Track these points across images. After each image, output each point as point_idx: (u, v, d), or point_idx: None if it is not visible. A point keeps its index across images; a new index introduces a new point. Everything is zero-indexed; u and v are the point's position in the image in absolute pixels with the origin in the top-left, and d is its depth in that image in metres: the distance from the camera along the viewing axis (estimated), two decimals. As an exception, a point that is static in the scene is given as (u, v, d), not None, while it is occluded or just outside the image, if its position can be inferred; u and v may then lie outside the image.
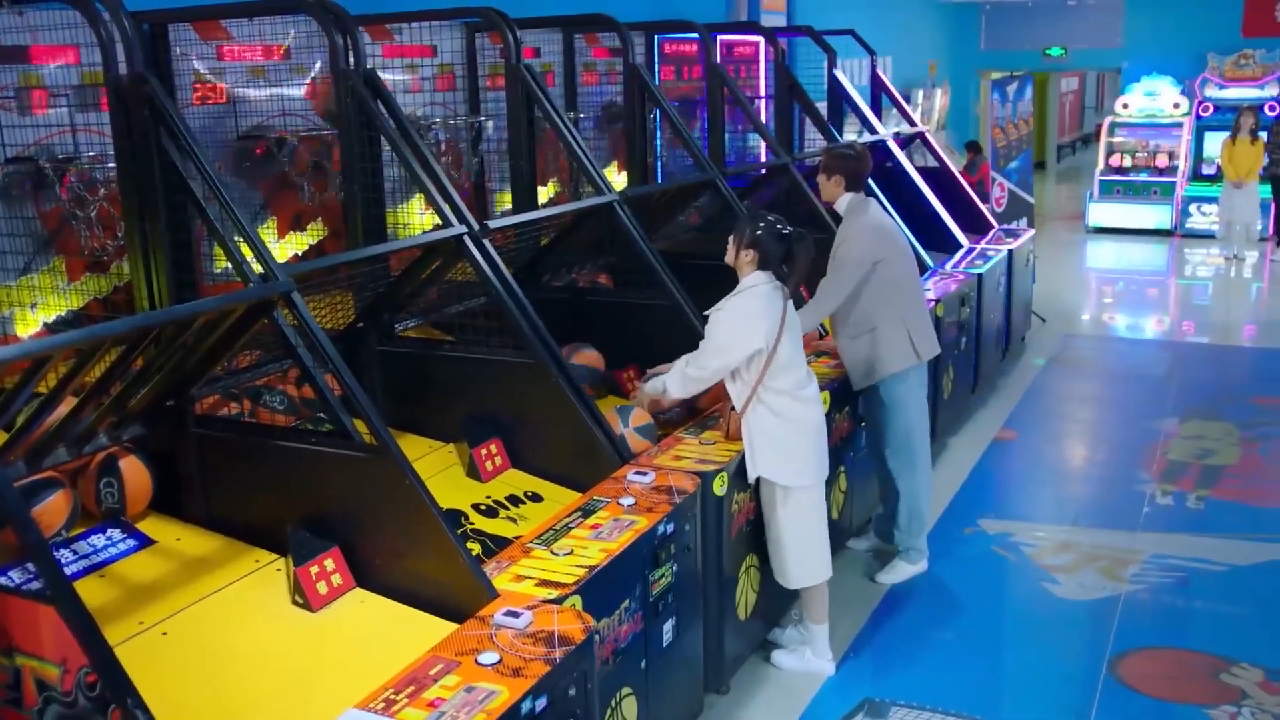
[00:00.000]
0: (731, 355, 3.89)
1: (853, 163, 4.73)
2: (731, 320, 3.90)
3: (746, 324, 3.87)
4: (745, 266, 3.96)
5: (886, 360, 4.67)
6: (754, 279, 3.94)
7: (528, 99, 4.86)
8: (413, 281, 4.06)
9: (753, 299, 3.90)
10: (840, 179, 4.72)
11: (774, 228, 3.92)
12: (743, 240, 3.93)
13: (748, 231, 3.92)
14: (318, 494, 3.13)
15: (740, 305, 3.91)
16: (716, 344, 3.91)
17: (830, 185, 4.76)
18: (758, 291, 3.91)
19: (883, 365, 4.69)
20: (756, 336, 3.85)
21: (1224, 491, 5.92)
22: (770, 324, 3.87)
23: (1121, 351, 9.03)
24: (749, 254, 3.92)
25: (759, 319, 3.87)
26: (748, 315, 3.88)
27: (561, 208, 4.70)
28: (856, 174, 4.73)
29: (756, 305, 3.89)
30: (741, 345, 3.87)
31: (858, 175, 4.74)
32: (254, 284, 2.99)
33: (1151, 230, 13.94)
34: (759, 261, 3.92)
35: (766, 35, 7.49)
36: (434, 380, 4.13)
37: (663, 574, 3.49)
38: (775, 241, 3.91)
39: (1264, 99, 13.80)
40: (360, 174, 4.03)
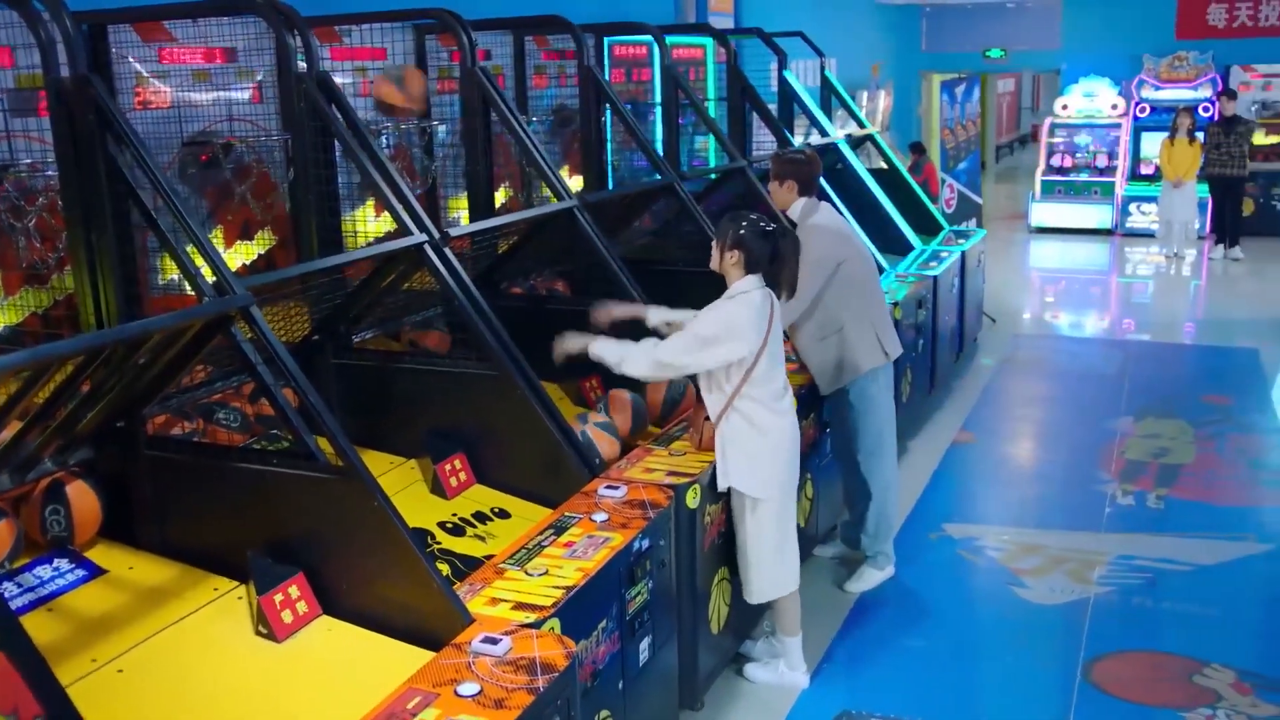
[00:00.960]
0: (712, 355, 3.75)
1: (804, 167, 4.68)
2: (722, 322, 3.76)
3: (736, 330, 3.75)
4: (732, 270, 3.84)
5: (856, 361, 4.61)
6: (745, 284, 3.82)
7: (484, 103, 4.74)
8: (371, 292, 3.92)
9: (745, 306, 3.78)
10: (793, 184, 4.66)
11: (757, 226, 3.81)
12: (726, 242, 3.82)
13: (731, 232, 3.81)
14: (280, 517, 2.98)
15: (733, 310, 3.78)
16: (701, 338, 3.75)
17: (783, 191, 4.70)
18: (750, 299, 3.79)
19: (852, 366, 4.63)
20: (741, 345, 3.75)
21: (1183, 490, 5.94)
22: (758, 335, 3.78)
23: (1072, 351, 9.09)
24: (734, 255, 3.81)
25: (749, 328, 3.76)
26: (738, 322, 3.76)
27: (523, 214, 4.58)
28: (808, 178, 4.68)
29: (748, 314, 3.77)
30: (725, 350, 3.74)
31: (809, 179, 4.69)
32: (210, 298, 2.84)
33: (1093, 230, 14.11)
34: (745, 263, 3.80)
35: (718, 37, 7.41)
36: (394, 394, 3.99)
37: (638, 591, 3.38)
38: (760, 240, 3.80)
39: (1198, 100, 14.02)
40: (315, 181, 3.88)
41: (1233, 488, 6.05)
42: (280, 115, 4.55)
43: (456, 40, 4.69)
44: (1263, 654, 4.35)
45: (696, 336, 3.75)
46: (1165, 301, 11.25)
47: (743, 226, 3.80)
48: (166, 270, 4.08)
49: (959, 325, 7.96)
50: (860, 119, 9.18)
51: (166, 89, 4.31)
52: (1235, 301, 10.68)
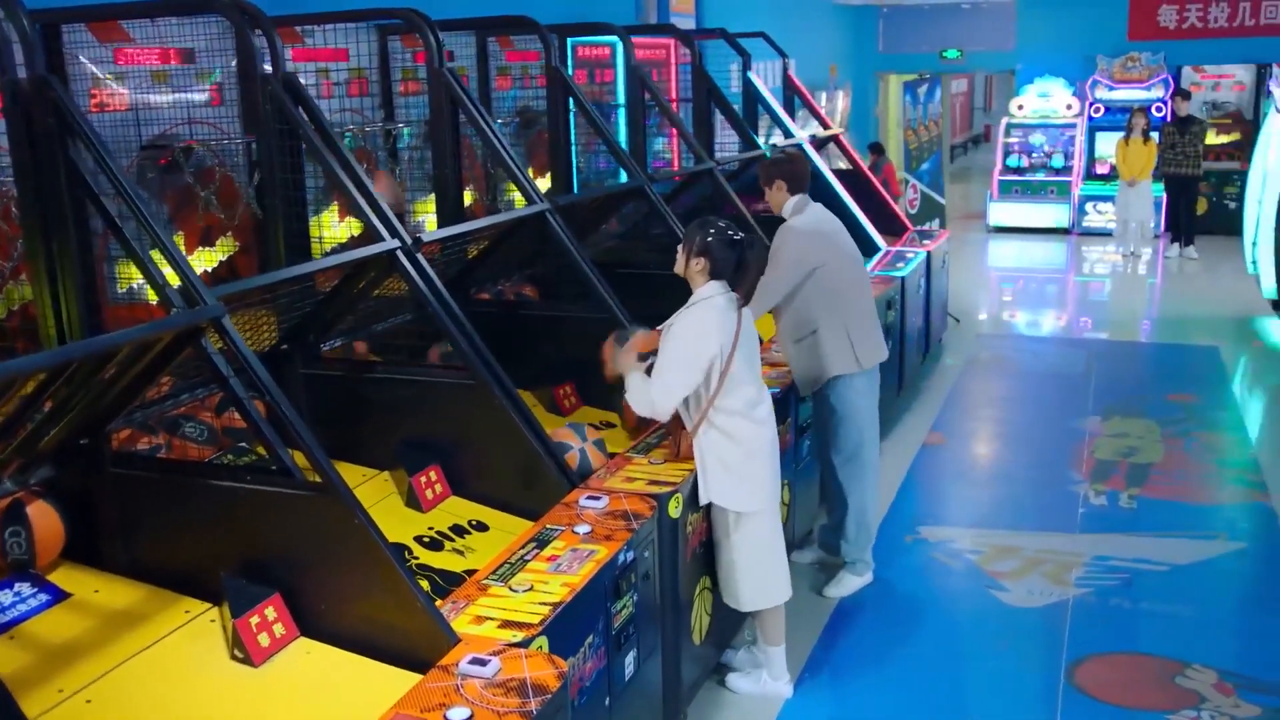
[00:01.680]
0: (689, 373, 3.69)
1: (788, 166, 4.64)
2: (687, 335, 3.71)
3: (701, 334, 3.69)
4: (696, 276, 3.78)
5: (827, 364, 4.56)
6: (708, 290, 3.76)
7: (452, 104, 4.63)
8: (343, 300, 3.80)
9: (707, 311, 3.73)
10: (782, 184, 4.61)
11: (725, 234, 3.75)
12: (693, 248, 3.76)
13: (698, 239, 3.75)
14: (254, 536, 2.86)
15: (694, 320, 3.73)
16: (672, 360, 3.69)
17: (774, 193, 4.65)
18: (713, 304, 3.74)
19: (824, 369, 4.58)
20: (710, 345, 3.68)
21: (1154, 490, 5.96)
22: (725, 337, 3.71)
23: (1035, 350, 9.12)
24: (699, 262, 3.75)
25: (712, 328, 3.70)
26: (703, 325, 3.70)
27: (495, 218, 4.48)
28: (795, 176, 4.63)
29: (711, 318, 3.71)
30: (697, 361, 3.69)
31: (797, 177, 4.63)
32: (179, 309, 2.71)
33: (1050, 229, 14.22)
34: (710, 270, 3.75)
35: (683, 38, 7.35)
36: (365, 404, 3.88)
37: (624, 605, 3.30)
38: (726, 249, 3.74)
39: (1150, 100, 14.17)
40: (282, 185, 3.76)
41: (1202, 486, 6.07)
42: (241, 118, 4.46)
43: (423, 41, 4.58)
44: (1242, 654, 4.35)
45: (675, 364, 3.68)
46: (1124, 300, 11.34)
47: (710, 234, 3.74)
48: (125, 278, 3.95)
49: (925, 326, 7.95)
50: (824, 120, 9.16)
51: (123, 90, 4.17)
52: (1192, 300, 10.79)
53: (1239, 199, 13.56)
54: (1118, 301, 11.30)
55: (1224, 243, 12.98)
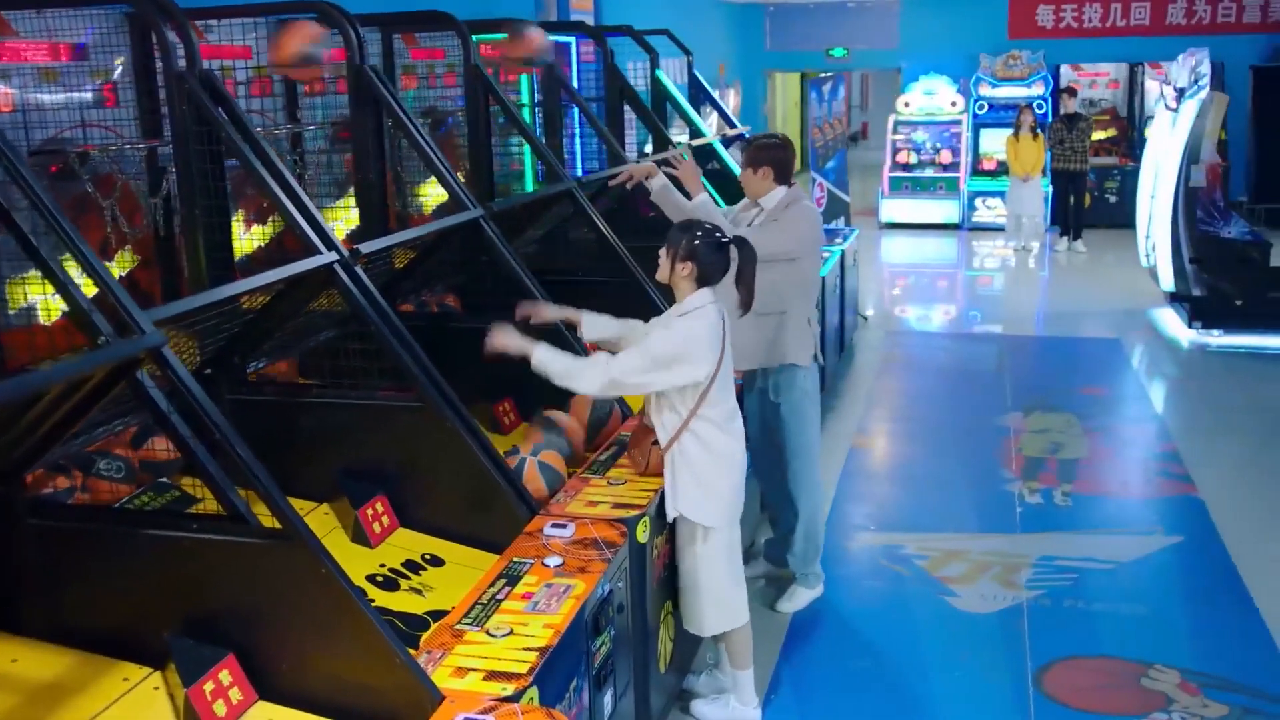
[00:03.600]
0: (669, 377, 3.47)
1: (779, 152, 4.42)
2: (680, 342, 3.47)
3: (694, 351, 3.47)
4: (683, 282, 3.55)
5: (786, 348, 4.39)
6: (699, 299, 3.53)
7: (375, 104, 4.32)
8: (273, 318, 3.48)
9: (702, 323, 3.51)
10: (769, 171, 4.39)
11: (711, 236, 3.53)
12: (678, 252, 3.52)
13: (684, 242, 3.51)
14: (203, 591, 2.55)
15: (691, 328, 3.50)
16: (658, 358, 3.44)
17: (757, 179, 4.42)
18: (705, 314, 3.52)
19: (781, 352, 4.40)
20: (699, 367, 3.47)
21: (1085, 485, 5.97)
22: (714, 354, 3.51)
23: (947, 347, 9.16)
24: (686, 267, 3.52)
25: (706, 348, 3.49)
26: (695, 340, 3.48)
27: (431, 225, 4.19)
28: (785, 165, 4.42)
29: (705, 332, 3.50)
30: (682, 371, 3.47)
31: (786, 166, 4.43)
32: (108, 339, 2.38)
33: (941, 225, 14.41)
34: (698, 275, 3.52)
35: (595, 36, 7.12)
36: (300, 431, 3.55)
37: (603, 641, 3.08)
38: (714, 251, 3.52)
39: (1032, 97, 14.47)
40: (201, 194, 3.42)
41: (1131, 480, 6.12)
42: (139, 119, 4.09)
43: (343, 37, 4.25)
44: (1200, 651, 4.33)
45: (654, 357, 3.45)
46: (1022, 294, 11.52)
47: (697, 237, 3.51)
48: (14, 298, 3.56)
49: (840, 325, 7.89)
50: (730, 118, 9.04)
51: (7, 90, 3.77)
52: (1086, 293, 11.01)
53: (1119, 193, 14.03)
54: (1017, 296, 11.47)
55: (1108, 236, 13.37)
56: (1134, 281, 10.66)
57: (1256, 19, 14.47)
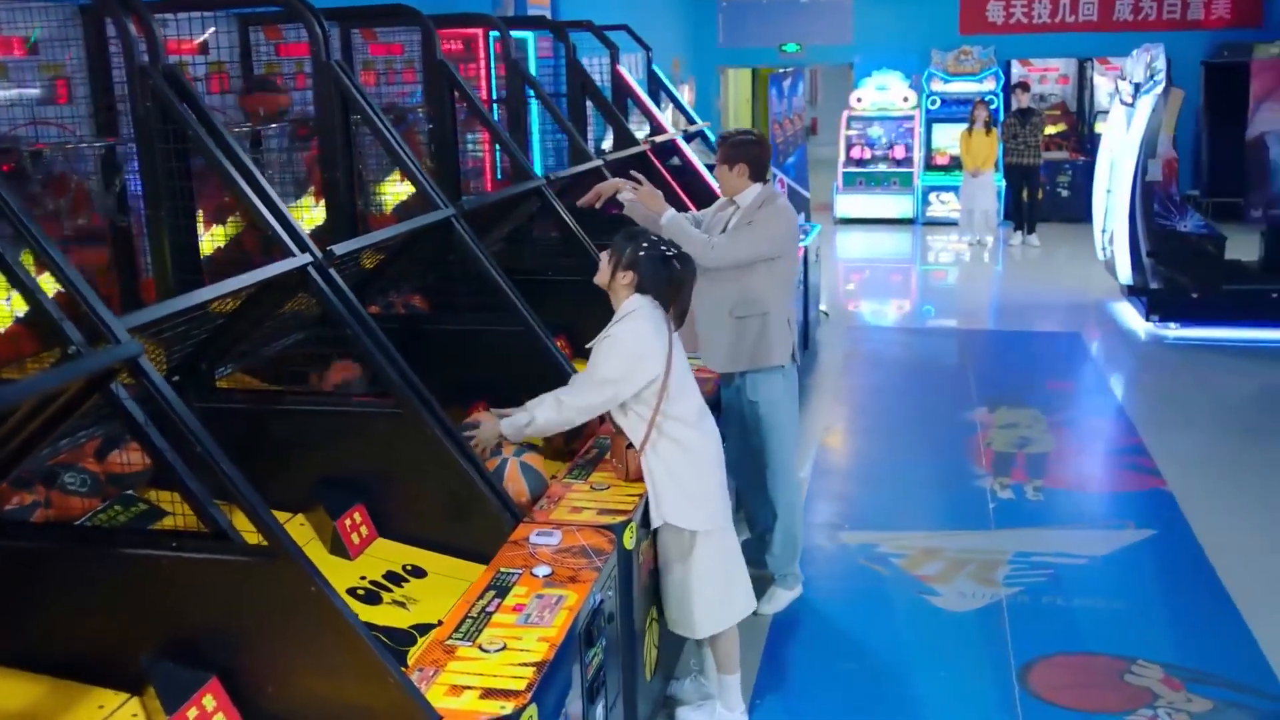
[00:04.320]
0: (623, 386, 3.44)
1: (755, 149, 4.36)
2: (622, 348, 3.44)
3: (640, 350, 3.44)
4: (621, 289, 3.53)
5: (770, 349, 4.35)
6: (634, 302, 3.51)
7: (342, 101, 4.20)
8: (244, 323, 3.35)
9: (640, 322, 3.47)
10: (744, 168, 4.33)
11: (657, 249, 3.52)
12: (621, 261, 3.50)
13: (628, 252, 3.50)
14: (183, 612, 2.43)
15: (629, 331, 3.46)
16: (604, 375, 3.44)
17: (733, 176, 4.36)
18: (643, 314, 3.49)
19: (764, 354, 4.35)
20: (653, 363, 3.44)
21: (1055, 480, 5.99)
22: (662, 347, 3.47)
23: (909, 342, 9.17)
24: (627, 276, 3.50)
25: (651, 343, 3.46)
26: (640, 340, 3.45)
27: (403, 226, 4.06)
28: (760, 161, 4.36)
29: (646, 328, 3.47)
30: (637, 374, 3.44)
31: (762, 163, 4.37)
32: (81, 349, 2.25)
33: (895, 220, 14.47)
34: (637, 285, 3.50)
35: (556, 31, 7.02)
36: (273, 440, 3.42)
37: (595, 653, 2.99)
38: (658, 265, 3.51)
39: (983, 93, 14.56)
40: (167, 194, 3.29)
41: (1100, 474, 6.15)
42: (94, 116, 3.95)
43: (309, 32, 4.11)
44: (1180, 645, 4.34)
45: (601, 373, 3.45)
46: (980, 289, 11.59)
47: (642, 248, 3.50)
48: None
49: (804, 322, 7.86)
50: (690, 114, 8.98)
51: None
52: (1042, 286, 11.09)
53: (1071, 187, 14.17)
54: (974, 290, 11.53)
55: (1060, 229, 13.49)
56: (1089, 275, 10.76)
57: (1200, 16, 14.68)
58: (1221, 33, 14.41)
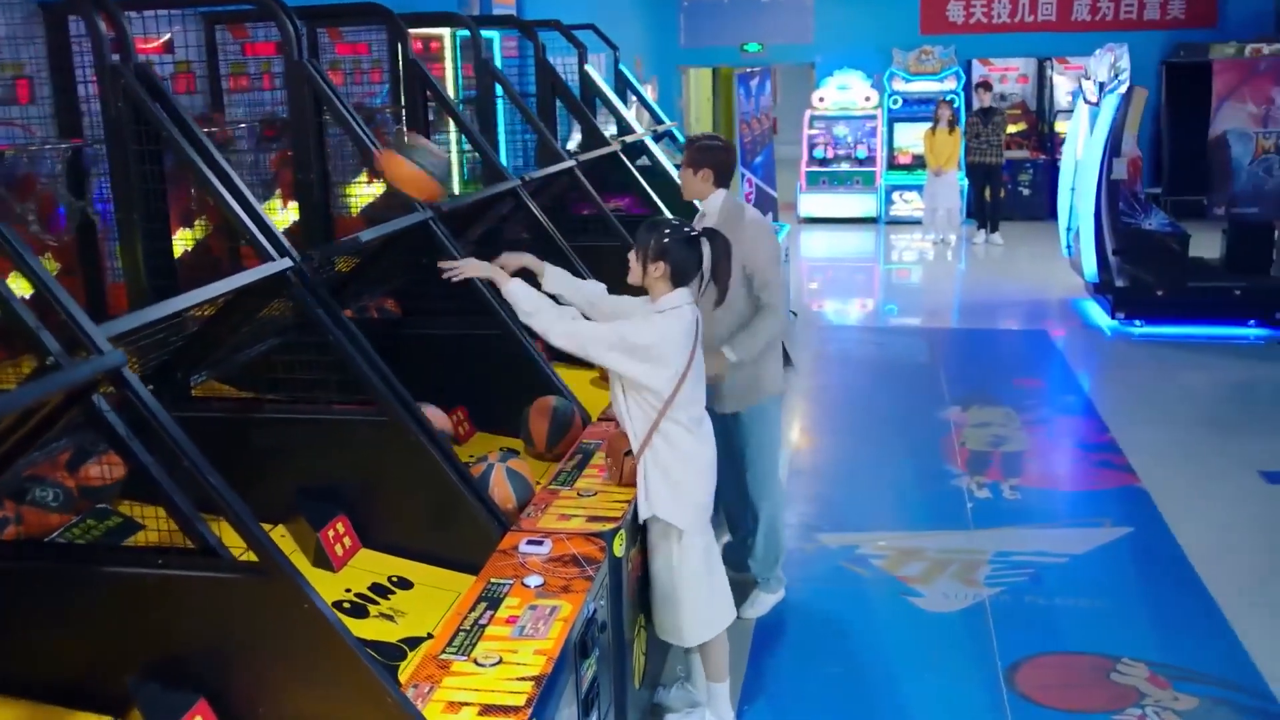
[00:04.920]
0: (632, 367, 3.33)
1: (722, 154, 4.29)
2: (655, 336, 3.33)
3: (664, 351, 3.35)
4: (657, 283, 3.40)
5: (765, 383, 4.31)
6: (675, 298, 3.39)
7: (316, 101, 4.10)
8: (222, 330, 3.26)
9: (678, 323, 3.38)
10: (709, 173, 4.26)
11: (681, 232, 3.40)
12: (649, 253, 3.38)
13: (653, 242, 3.37)
14: (169, 632, 2.34)
15: (666, 327, 3.36)
16: (630, 345, 3.31)
17: (697, 181, 4.29)
18: (681, 315, 3.39)
19: (763, 387, 4.32)
20: (664, 370, 3.35)
21: (1031, 479, 6.00)
22: (683, 358, 3.38)
23: (878, 341, 9.17)
24: (659, 267, 3.37)
25: (676, 351, 3.37)
26: (666, 339, 3.35)
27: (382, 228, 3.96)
28: (726, 166, 4.30)
29: (679, 334, 3.37)
30: (647, 368, 3.34)
31: (728, 168, 4.31)
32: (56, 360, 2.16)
33: (859, 219, 14.51)
34: (672, 274, 3.38)
35: (525, 30, 6.94)
36: (251, 449, 3.33)
37: (590, 664, 2.93)
38: (686, 248, 3.38)
39: (945, 92, 14.62)
40: (140, 197, 3.18)
41: (1074, 472, 6.16)
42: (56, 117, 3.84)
43: (281, 30, 4.02)
44: (1164, 643, 4.34)
45: (625, 341, 3.32)
46: (945, 287, 11.63)
47: (665, 234, 3.38)
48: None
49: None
50: (658, 113, 8.93)
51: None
52: (1007, 284, 11.15)
53: (1032, 185, 14.29)
54: (940, 289, 11.58)
55: (1023, 227, 13.59)
56: (1053, 272, 10.83)
57: (1156, 16, 14.84)
58: (1177, 33, 14.57)
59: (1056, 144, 14.48)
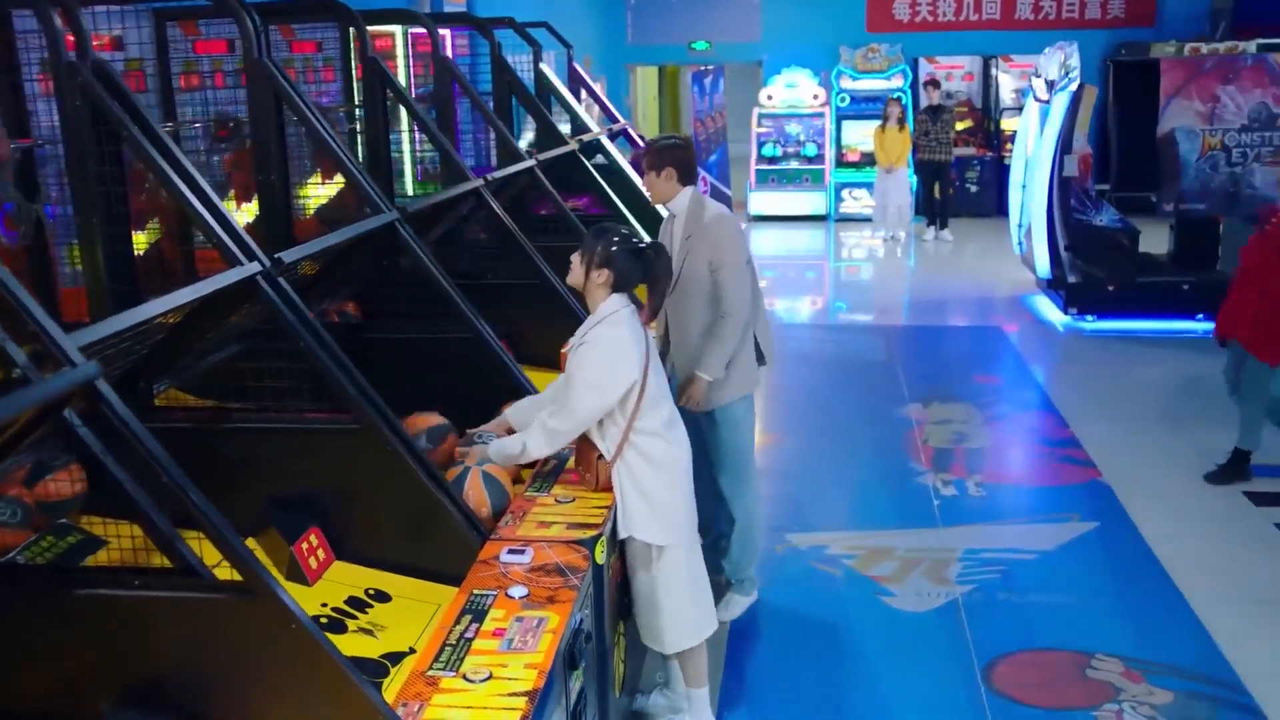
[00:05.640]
0: (608, 395, 3.31)
1: (682, 152, 4.26)
2: (602, 353, 3.32)
3: (619, 355, 3.32)
4: (597, 289, 3.39)
5: (738, 383, 4.27)
6: (613, 304, 3.38)
7: (276, 99, 3.98)
8: (188, 337, 3.14)
9: (618, 326, 3.35)
10: (672, 172, 4.23)
11: (629, 242, 3.40)
12: (594, 259, 3.36)
13: (600, 248, 3.35)
14: (148, 655, 2.23)
15: (610, 336, 3.33)
16: (587, 381, 3.30)
17: (661, 182, 4.25)
18: (621, 317, 3.37)
19: (734, 386, 4.27)
20: (632, 368, 3.32)
21: (996, 475, 6.02)
22: (640, 351, 3.36)
23: (835, 339, 9.18)
24: (602, 274, 3.36)
25: (630, 347, 3.34)
26: (619, 345, 3.33)
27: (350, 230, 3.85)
28: (687, 163, 4.27)
29: (624, 333, 3.36)
30: (618, 380, 3.31)
31: (689, 164, 4.28)
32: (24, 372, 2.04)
33: (809, 216, 14.54)
34: (614, 282, 3.37)
35: (481, 28, 6.83)
36: (219, 460, 3.21)
37: (578, 675, 2.86)
38: (632, 259, 3.38)
39: (892, 90, 14.70)
40: (100, 200, 3.05)
41: (1038, 468, 6.20)
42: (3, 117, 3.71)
43: (240, 27, 3.88)
44: (1136, 637, 4.37)
45: (583, 379, 3.30)
46: (898, 284, 11.70)
47: (614, 243, 3.37)
48: None
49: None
50: (613, 112, 8.87)
51: None
52: (959, 280, 11.24)
53: (979, 182, 14.42)
54: (892, 286, 11.63)
55: (971, 224, 13.72)
56: (1002, 268, 10.94)
57: (1097, 15, 15.05)
58: (1118, 32, 14.79)
59: (1003, 141, 14.65)
